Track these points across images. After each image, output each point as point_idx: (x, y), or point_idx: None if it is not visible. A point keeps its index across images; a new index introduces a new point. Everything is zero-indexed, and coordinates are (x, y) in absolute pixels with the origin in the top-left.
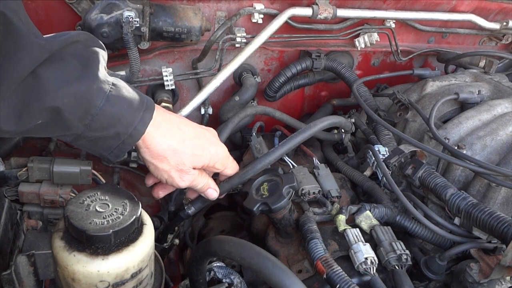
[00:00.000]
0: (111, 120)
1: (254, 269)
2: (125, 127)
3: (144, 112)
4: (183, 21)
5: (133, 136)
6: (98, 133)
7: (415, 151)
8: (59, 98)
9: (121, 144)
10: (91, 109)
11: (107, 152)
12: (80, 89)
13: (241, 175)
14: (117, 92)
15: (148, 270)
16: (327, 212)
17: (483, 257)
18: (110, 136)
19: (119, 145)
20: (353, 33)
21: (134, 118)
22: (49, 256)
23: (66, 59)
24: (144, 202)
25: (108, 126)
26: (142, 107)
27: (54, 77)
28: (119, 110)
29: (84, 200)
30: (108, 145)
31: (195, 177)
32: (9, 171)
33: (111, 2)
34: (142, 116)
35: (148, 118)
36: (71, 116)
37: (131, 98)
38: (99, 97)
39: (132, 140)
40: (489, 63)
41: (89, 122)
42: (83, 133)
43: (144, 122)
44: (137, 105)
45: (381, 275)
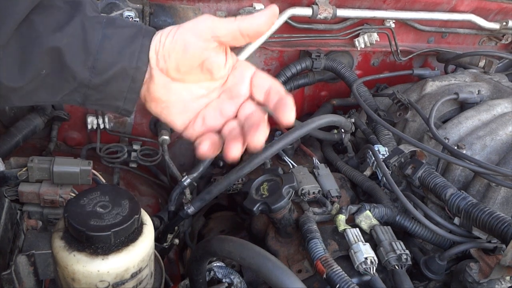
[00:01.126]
0: (113, 55)
1: (254, 269)
2: (128, 60)
3: (143, 39)
4: (183, 21)
5: (139, 68)
6: (104, 75)
7: (415, 151)
8: (57, 40)
9: (131, 83)
10: (91, 47)
11: (121, 100)
12: (76, 28)
13: (237, 170)
14: (111, 26)
15: (148, 270)
16: (327, 212)
17: (483, 257)
18: (118, 75)
19: (130, 84)
20: (353, 33)
21: (134, 47)
22: (49, 256)
23: (56, 4)
24: (144, 202)
25: (112, 63)
26: (140, 35)
27: (48, 21)
28: (117, 43)
29: (84, 200)
30: (120, 89)
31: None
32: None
33: (111, 2)
34: (142, 44)
35: (147, 46)
36: (73, 60)
37: (127, 29)
38: (95, 34)
39: (140, 74)
40: (489, 63)
41: (92, 63)
42: (90, 80)
43: (144, 50)
44: (134, 34)
45: (381, 275)
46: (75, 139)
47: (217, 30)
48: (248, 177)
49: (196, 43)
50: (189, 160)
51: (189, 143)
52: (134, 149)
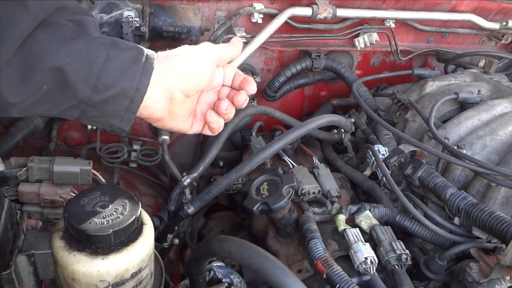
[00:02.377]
0: (115, 75)
1: (254, 269)
2: (130, 81)
3: (145, 63)
4: (183, 21)
5: (139, 90)
6: (104, 94)
7: (415, 151)
8: (60, 57)
9: (129, 104)
10: (94, 67)
11: (117, 119)
12: (80, 48)
13: (237, 170)
14: (115, 47)
15: (148, 270)
16: (327, 212)
17: (483, 257)
18: (118, 95)
19: (128, 105)
20: (353, 33)
21: (136, 69)
22: (49, 256)
23: (60, 22)
24: (144, 202)
25: (113, 84)
26: (142, 58)
27: (52, 38)
28: (120, 64)
29: (84, 200)
30: (117, 109)
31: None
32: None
33: (111, 2)
34: (143, 67)
35: (150, 69)
36: (75, 78)
37: (130, 51)
38: (98, 54)
39: (139, 96)
40: (489, 63)
41: (94, 82)
42: (91, 97)
43: (146, 73)
44: (136, 57)
45: (381, 274)
46: (75, 139)
47: (222, 56)
48: (248, 177)
49: (210, 67)
50: (189, 160)
51: (189, 143)
52: (134, 149)
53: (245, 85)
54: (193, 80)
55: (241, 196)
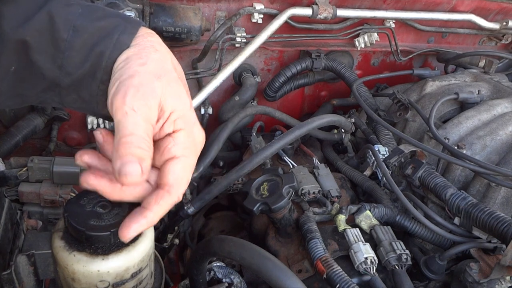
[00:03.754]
0: (82, 53)
1: (254, 269)
2: (97, 58)
3: (119, 35)
4: (183, 21)
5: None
6: (74, 74)
7: (415, 151)
8: (24, 31)
9: (101, 84)
10: (59, 44)
11: (95, 104)
12: (42, 20)
13: (238, 170)
14: (86, 18)
15: (148, 270)
16: (327, 212)
17: (483, 257)
18: (87, 75)
19: (100, 86)
20: (353, 33)
21: (107, 44)
22: (49, 256)
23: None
24: None
25: (81, 62)
26: (118, 30)
27: (13, 13)
28: (89, 38)
29: (84, 200)
30: (91, 92)
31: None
32: (9, 171)
33: (111, 2)
34: (117, 41)
35: (125, 44)
36: (40, 57)
37: (103, 22)
38: (65, 28)
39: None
40: (489, 63)
41: (61, 61)
42: (61, 79)
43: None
44: (112, 28)
45: (381, 275)
46: (75, 139)
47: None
48: (248, 177)
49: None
50: None
51: None
52: None
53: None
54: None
55: (241, 196)
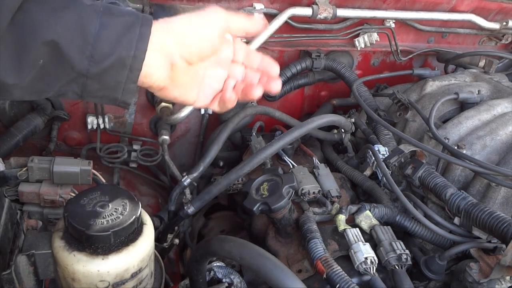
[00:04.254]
0: (111, 44)
1: (254, 269)
2: (126, 49)
3: (141, 28)
4: None
5: (137, 57)
6: (102, 64)
7: (415, 151)
8: (53, 29)
9: (129, 72)
10: (88, 37)
11: (119, 91)
12: (71, 17)
13: (237, 169)
14: (109, 14)
15: (148, 269)
16: (327, 212)
17: (483, 257)
18: (116, 64)
19: (128, 74)
20: (353, 33)
21: (132, 36)
22: (49, 256)
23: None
24: (144, 202)
25: (110, 52)
26: (138, 24)
27: (42, 10)
28: (115, 31)
29: (84, 200)
30: (118, 79)
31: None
32: (9, 171)
33: (111, 1)
34: (140, 33)
35: (147, 34)
36: (70, 49)
37: (125, 18)
38: (92, 23)
39: (138, 63)
40: (489, 63)
41: (90, 52)
42: (89, 69)
43: (143, 39)
44: (132, 23)
45: (381, 274)
46: (75, 139)
47: (231, 25)
48: (248, 177)
49: (213, 34)
50: (189, 160)
51: (189, 143)
52: (134, 149)
53: (268, 69)
54: (193, 44)
55: (241, 196)
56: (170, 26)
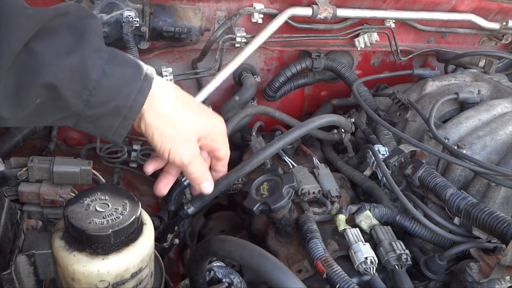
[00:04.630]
0: (109, 93)
1: (254, 269)
2: (124, 100)
3: (143, 82)
4: (183, 21)
5: (133, 108)
6: (98, 109)
7: (415, 151)
8: (54, 72)
9: (122, 121)
10: (88, 83)
11: (111, 132)
12: (75, 62)
13: (237, 170)
14: (113, 63)
15: (148, 269)
16: (327, 212)
17: (483, 257)
18: (111, 112)
19: (121, 122)
20: (353, 33)
21: (132, 88)
22: (49, 256)
23: (58, 31)
24: (144, 202)
25: (107, 100)
26: (140, 77)
27: (47, 51)
28: (116, 81)
29: (84, 199)
30: (110, 124)
31: (196, 155)
32: (9, 171)
33: (111, 1)
34: (140, 86)
35: (147, 88)
36: (68, 92)
37: (128, 68)
38: (94, 70)
39: (132, 114)
40: (489, 63)
41: (87, 97)
42: (83, 111)
43: (143, 92)
44: (134, 75)
45: (381, 274)
46: (75, 139)
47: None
48: (248, 177)
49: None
50: None
51: None
52: (134, 149)
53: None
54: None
55: (241, 196)
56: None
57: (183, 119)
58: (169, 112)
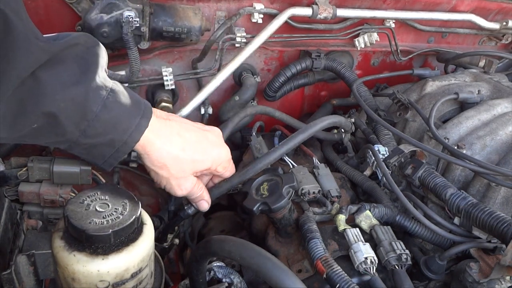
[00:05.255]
0: (107, 126)
1: (254, 269)
2: (120, 134)
3: (140, 119)
4: (183, 21)
5: (127, 143)
6: (93, 139)
7: (415, 151)
8: (56, 102)
9: (115, 152)
10: (87, 115)
11: (101, 160)
12: (78, 94)
13: (240, 175)
14: (114, 98)
15: (148, 269)
16: (327, 212)
17: (483, 257)
18: (105, 143)
19: (113, 153)
20: (353, 33)
21: (130, 125)
22: (49, 256)
23: (66, 62)
24: (144, 202)
25: (103, 133)
26: (139, 114)
27: (53, 81)
28: (115, 116)
29: (84, 199)
30: (102, 153)
31: (193, 186)
32: (9, 171)
33: (111, 1)
34: (138, 123)
35: (144, 126)
36: (67, 121)
37: (128, 105)
38: (96, 103)
39: (126, 148)
40: (489, 63)
41: (85, 128)
42: (78, 139)
43: (139, 130)
44: (134, 112)
45: (381, 274)
46: None
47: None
48: None
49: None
50: None
51: None
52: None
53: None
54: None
55: (241, 196)
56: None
57: (178, 162)
58: (163, 157)
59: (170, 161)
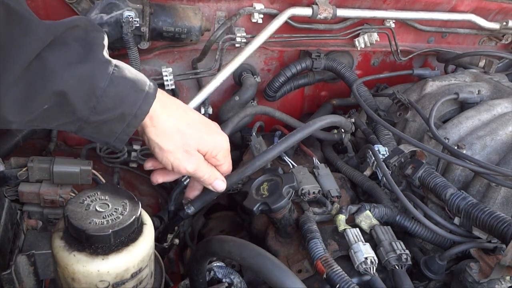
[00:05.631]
0: (115, 101)
1: (254, 269)
2: (129, 107)
3: (147, 92)
4: (183, 21)
5: (137, 116)
6: (103, 115)
7: (415, 151)
8: (64, 81)
9: (125, 127)
10: (96, 91)
11: (112, 138)
12: (84, 71)
13: (240, 172)
14: (120, 73)
15: (148, 269)
16: (327, 212)
17: (483, 257)
18: (115, 118)
19: (124, 128)
20: (353, 33)
21: (137, 97)
22: (49, 256)
23: (69, 42)
24: (144, 202)
25: (112, 107)
26: (145, 88)
27: (59, 61)
28: (122, 90)
29: (84, 199)
30: (113, 130)
31: (200, 163)
32: (9, 171)
33: (111, 2)
34: (145, 96)
35: (152, 97)
36: (76, 99)
37: (134, 79)
38: (102, 79)
39: (136, 121)
40: (489, 63)
41: (94, 104)
42: (89, 117)
43: (148, 102)
44: (140, 85)
45: (381, 275)
46: (75, 139)
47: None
48: (248, 177)
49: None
50: None
51: None
52: (134, 149)
53: None
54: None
55: (241, 196)
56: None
57: (183, 135)
58: (170, 129)
59: (176, 134)
